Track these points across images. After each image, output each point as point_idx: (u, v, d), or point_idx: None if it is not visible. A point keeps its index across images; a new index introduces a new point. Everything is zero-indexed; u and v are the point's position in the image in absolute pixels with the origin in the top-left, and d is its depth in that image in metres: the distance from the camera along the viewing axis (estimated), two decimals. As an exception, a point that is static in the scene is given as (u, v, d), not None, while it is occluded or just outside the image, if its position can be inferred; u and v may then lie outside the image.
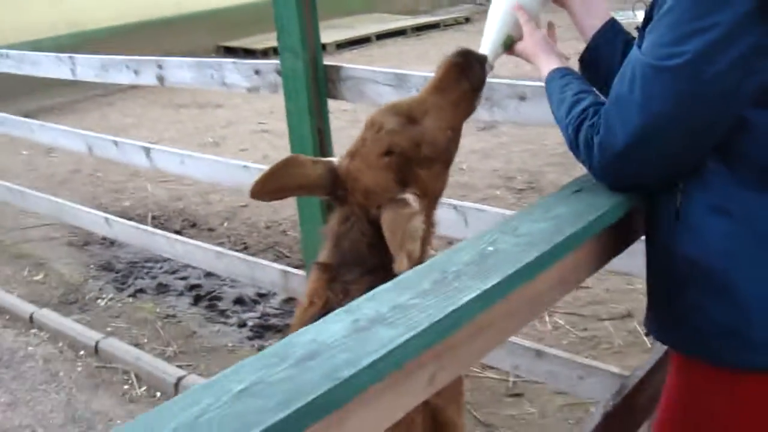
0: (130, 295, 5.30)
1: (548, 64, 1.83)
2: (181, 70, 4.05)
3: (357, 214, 1.81)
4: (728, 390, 1.57)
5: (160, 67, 4.16)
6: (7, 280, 5.74)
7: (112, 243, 6.16)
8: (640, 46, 1.49)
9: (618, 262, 1.88)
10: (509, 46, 1.98)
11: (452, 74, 1.91)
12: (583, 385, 3.16)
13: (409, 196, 1.76)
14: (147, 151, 4.56)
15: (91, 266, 5.89)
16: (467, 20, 15.88)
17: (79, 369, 4.53)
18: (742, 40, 1.35)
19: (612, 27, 1.86)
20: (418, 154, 1.82)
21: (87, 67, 4.73)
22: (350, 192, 1.83)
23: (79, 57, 4.79)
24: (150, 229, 5.00)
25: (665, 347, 1.96)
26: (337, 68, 3.40)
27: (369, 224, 1.78)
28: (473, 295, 1.19)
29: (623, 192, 1.61)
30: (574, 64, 1.91)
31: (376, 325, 1.13)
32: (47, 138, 5.51)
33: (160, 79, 4.17)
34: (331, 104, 3.51)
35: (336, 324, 1.14)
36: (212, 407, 0.96)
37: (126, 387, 4.31)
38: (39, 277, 5.76)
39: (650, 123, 1.43)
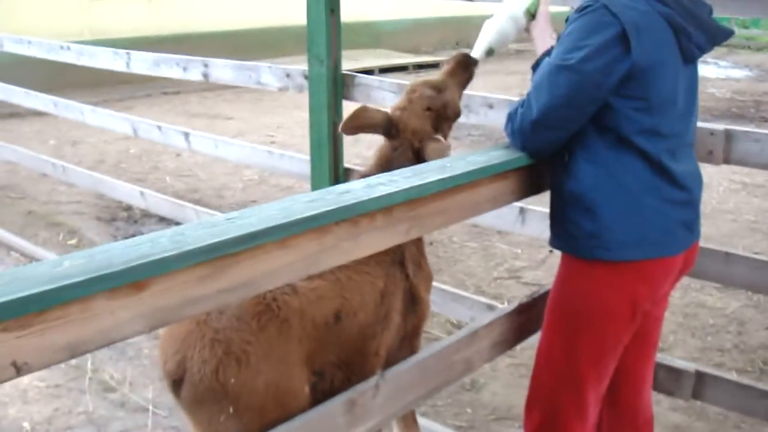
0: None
1: (539, 50, 2.75)
2: (224, 69, 4.96)
3: (405, 145, 2.77)
4: (589, 274, 2.49)
5: (205, 65, 5.06)
6: (44, 242, 6.62)
7: (135, 221, 7.06)
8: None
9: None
10: (490, 54, 2.95)
11: (460, 65, 2.93)
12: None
13: (440, 137, 2.76)
14: (186, 135, 5.46)
15: (118, 238, 6.76)
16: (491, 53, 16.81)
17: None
18: (606, 53, 2.27)
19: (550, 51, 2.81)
20: (444, 112, 2.84)
21: (140, 62, 5.58)
22: (401, 131, 2.78)
23: (134, 53, 5.66)
24: (180, 202, 5.85)
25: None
26: (352, 76, 4.34)
27: (412, 153, 2.74)
28: (432, 179, 2.13)
29: (531, 155, 2.55)
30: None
31: (380, 186, 2.05)
32: (96, 121, 6.35)
33: (205, 75, 5.07)
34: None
35: (357, 184, 2.07)
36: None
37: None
38: (73, 242, 6.64)
39: (553, 101, 2.36)
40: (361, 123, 2.78)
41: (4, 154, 7.72)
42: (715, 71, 17.66)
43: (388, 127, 2.79)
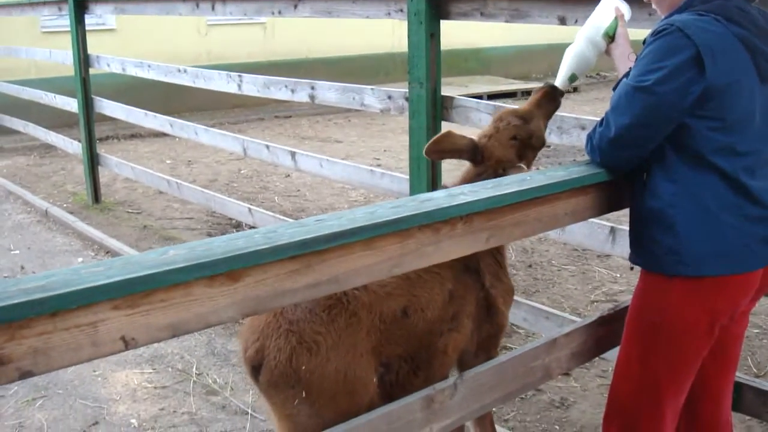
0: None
1: (620, 72, 2.85)
2: (329, 91, 5.20)
3: (489, 171, 2.89)
4: (667, 288, 2.56)
5: (312, 88, 5.31)
6: (158, 255, 6.94)
7: (244, 237, 7.35)
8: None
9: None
10: (573, 80, 3.05)
11: (546, 96, 3.04)
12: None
13: (523, 166, 2.87)
14: (293, 154, 5.71)
15: (226, 252, 7.04)
16: (575, 90, 16.84)
17: (217, 321, 5.66)
18: (681, 75, 2.36)
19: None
20: (529, 142, 2.97)
21: (251, 84, 5.90)
22: (486, 158, 2.92)
23: (246, 75, 5.97)
24: (287, 219, 6.11)
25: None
26: (450, 98, 4.49)
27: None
28: (511, 190, 2.27)
29: (610, 172, 2.65)
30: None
31: (460, 195, 2.19)
32: (209, 140, 6.69)
33: (312, 97, 5.32)
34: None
35: (439, 193, 2.22)
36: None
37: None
38: (184, 255, 6.95)
39: (629, 121, 2.46)
40: (444, 147, 2.90)
41: (124, 171, 8.17)
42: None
43: (473, 153, 2.92)
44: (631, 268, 2.74)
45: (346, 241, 1.91)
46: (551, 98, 3.03)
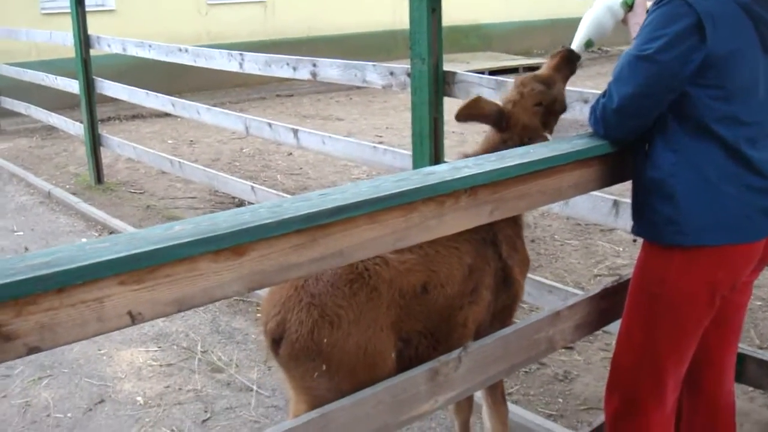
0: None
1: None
2: (331, 68, 5.18)
3: (514, 139, 2.89)
4: (668, 259, 2.56)
5: (314, 65, 5.29)
6: (161, 234, 6.96)
7: (247, 216, 7.35)
8: None
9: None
10: (590, 46, 3.04)
11: (565, 61, 3.03)
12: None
13: (548, 136, 2.89)
14: (295, 132, 5.71)
15: (230, 231, 7.06)
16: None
17: (221, 300, 5.67)
18: (682, 43, 2.35)
19: None
20: (553, 107, 2.97)
21: (252, 63, 5.87)
22: (512, 125, 2.91)
23: (247, 54, 5.95)
24: (289, 197, 6.10)
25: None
26: (452, 73, 4.47)
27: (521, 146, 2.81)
28: (514, 163, 2.27)
29: (613, 143, 2.65)
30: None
31: (464, 168, 2.19)
32: (211, 119, 6.68)
33: (314, 75, 5.30)
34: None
35: (443, 166, 2.22)
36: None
37: (259, 315, 5.41)
38: (188, 234, 6.96)
39: (632, 90, 2.45)
40: (475, 112, 2.90)
41: (126, 152, 8.17)
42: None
43: (499, 119, 2.91)
44: (634, 240, 2.75)
45: (350, 215, 1.91)
46: (569, 62, 3.02)
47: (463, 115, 2.90)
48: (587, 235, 6.88)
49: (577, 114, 3.91)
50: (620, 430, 2.84)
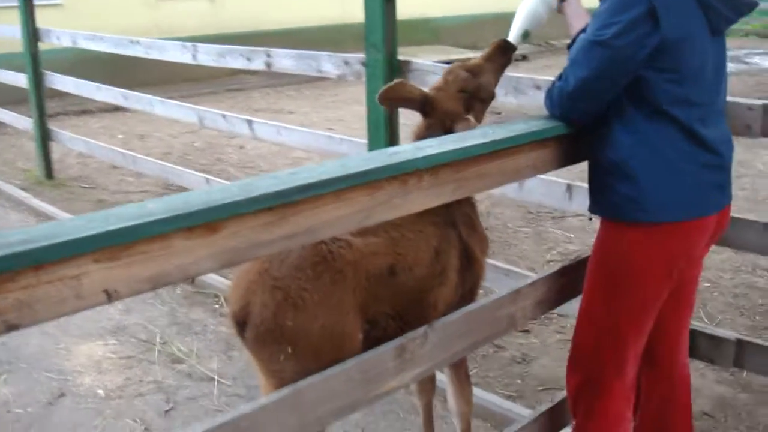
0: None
1: (573, 29, 2.90)
2: (285, 59, 5.20)
3: (437, 124, 2.93)
4: (628, 236, 2.65)
5: (268, 55, 5.30)
6: (115, 229, 6.92)
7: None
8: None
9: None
10: (526, 37, 3.11)
11: (497, 51, 3.08)
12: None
13: (470, 118, 2.90)
14: (249, 123, 5.72)
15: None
16: (524, 58, 16.95)
17: (178, 292, 5.68)
18: (637, 29, 2.43)
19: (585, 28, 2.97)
20: (478, 95, 2.99)
21: (206, 54, 5.85)
22: (435, 110, 2.94)
23: (201, 45, 5.93)
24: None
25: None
26: (407, 62, 4.53)
27: (444, 132, 2.87)
28: (475, 143, 2.33)
29: (569, 125, 2.72)
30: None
31: (427, 148, 2.25)
32: (164, 111, 6.64)
33: (268, 65, 5.31)
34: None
35: (407, 146, 2.27)
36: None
37: (216, 306, 5.43)
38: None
39: (588, 74, 2.53)
40: (397, 96, 2.94)
41: (77, 146, 8.10)
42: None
43: (424, 104, 2.96)
44: (590, 219, 2.81)
45: (318, 192, 1.95)
46: (503, 52, 3.06)
47: (385, 98, 2.94)
48: (539, 222, 6.99)
49: (531, 100, 4.00)
50: (582, 405, 2.92)
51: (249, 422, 2.04)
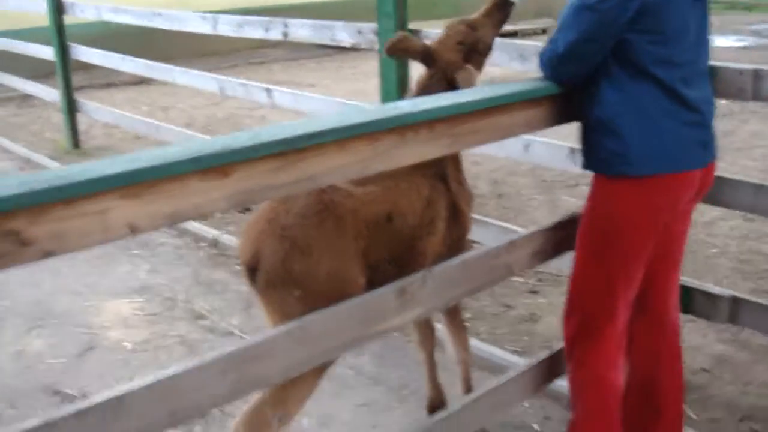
0: (239, 211, 6.67)
1: None
2: (302, 28, 5.38)
3: (439, 75, 3.13)
4: (615, 190, 2.83)
5: (285, 25, 5.49)
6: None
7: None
8: None
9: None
10: None
11: (496, 6, 3.24)
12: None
13: (470, 67, 3.10)
14: (268, 91, 5.92)
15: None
16: (544, 32, 16.97)
17: (201, 254, 5.91)
18: None
19: None
20: (476, 47, 3.18)
21: (225, 24, 6.05)
22: (436, 61, 3.14)
23: (220, 16, 6.13)
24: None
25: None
26: (418, 31, 4.70)
27: (446, 81, 3.08)
28: (469, 99, 2.51)
29: (560, 85, 2.89)
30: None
31: (423, 104, 2.43)
32: (186, 81, 6.88)
33: (285, 35, 5.50)
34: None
35: (404, 102, 2.45)
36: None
37: (237, 267, 5.62)
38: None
39: (576, 37, 2.71)
40: (402, 46, 3.14)
41: (102, 117, 8.33)
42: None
43: (426, 56, 3.15)
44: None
45: (322, 140, 2.14)
46: (501, 8, 3.23)
47: (392, 48, 3.14)
48: (552, 191, 7.15)
49: (535, 67, 4.15)
50: (578, 349, 3.10)
51: (259, 351, 2.25)
